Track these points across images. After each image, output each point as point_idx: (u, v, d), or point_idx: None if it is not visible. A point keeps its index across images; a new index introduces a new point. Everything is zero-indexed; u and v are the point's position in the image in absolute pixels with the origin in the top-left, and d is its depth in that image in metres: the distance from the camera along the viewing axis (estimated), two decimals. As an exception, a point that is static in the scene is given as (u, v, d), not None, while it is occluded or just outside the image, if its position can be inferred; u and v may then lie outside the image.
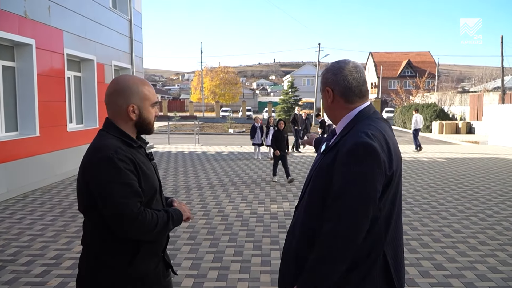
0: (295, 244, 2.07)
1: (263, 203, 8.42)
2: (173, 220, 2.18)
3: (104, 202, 2.02)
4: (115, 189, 2.00)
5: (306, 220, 2.03)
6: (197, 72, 76.09)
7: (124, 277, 2.11)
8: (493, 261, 5.36)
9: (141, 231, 2.04)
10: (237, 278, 4.80)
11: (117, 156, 2.03)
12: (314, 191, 2.02)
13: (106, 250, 2.11)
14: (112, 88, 2.21)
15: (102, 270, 2.12)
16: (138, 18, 17.01)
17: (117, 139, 2.14)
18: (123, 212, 1.99)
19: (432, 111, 34.12)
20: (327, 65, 2.25)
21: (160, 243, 2.25)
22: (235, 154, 16.99)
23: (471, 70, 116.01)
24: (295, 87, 36.82)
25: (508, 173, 12.17)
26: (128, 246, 2.10)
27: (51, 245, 5.88)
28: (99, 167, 2.03)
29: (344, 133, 2.01)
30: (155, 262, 2.22)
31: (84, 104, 12.97)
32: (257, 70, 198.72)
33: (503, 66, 32.81)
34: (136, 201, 2.02)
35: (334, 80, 2.06)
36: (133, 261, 2.11)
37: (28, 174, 9.45)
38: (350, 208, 1.82)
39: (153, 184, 2.18)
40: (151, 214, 2.06)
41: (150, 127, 2.27)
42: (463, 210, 7.90)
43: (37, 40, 9.76)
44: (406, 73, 66.14)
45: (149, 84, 2.26)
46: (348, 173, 1.84)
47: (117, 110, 2.19)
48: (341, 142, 1.96)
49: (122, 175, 2.02)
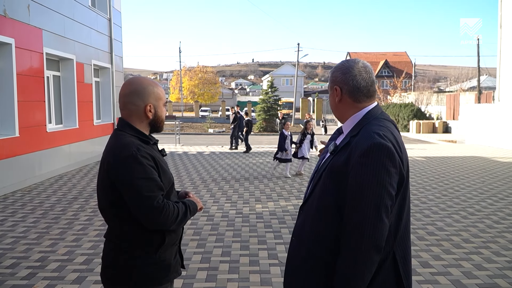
0: (304, 252, 2.02)
1: (247, 203, 8.41)
2: (190, 210, 2.37)
3: (132, 197, 2.16)
4: (141, 184, 2.14)
5: (317, 224, 2.00)
6: (175, 71, 75.61)
7: (154, 266, 2.27)
8: (478, 258, 5.45)
9: (167, 222, 2.20)
10: (226, 278, 4.79)
11: (139, 153, 2.18)
12: (325, 192, 1.99)
13: (136, 242, 2.26)
14: (128, 89, 2.34)
15: (133, 261, 2.25)
16: (117, 17, 16.80)
17: (135, 137, 2.29)
18: (151, 205, 2.14)
19: (410, 110, 34.63)
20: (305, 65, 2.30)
21: (177, 233, 2.42)
22: (217, 154, 16.95)
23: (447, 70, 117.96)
24: (275, 87, 36.82)
25: (487, 172, 12.41)
26: (156, 237, 2.26)
27: (35, 247, 5.77)
28: (124, 165, 2.17)
29: (354, 133, 2.00)
30: (174, 251, 2.42)
31: (64, 104, 12.76)
32: (235, 70, 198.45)
33: (479, 66, 33.49)
34: (160, 194, 2.19)
35: (343, 79, 2.06)
36: (159, 251, 2.28)
37: (8, 175, 9.26)
38: (373, 210, 1.82)
39: (170, 178, 2.35)
40: (173, 206, 2.24)
41: (162, 125, 2.45)
42: (445, 208, 8.03)
43: (16, 39, 9.57)
44: (384, 73, 67.01)
45: (160, 85, 2.42)
46: (366, 174, 1.84)
47: (134, 110, 2.33)
48: (353, 142, 1.95)
49: (146, 171, 2.17)
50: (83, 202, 8.41)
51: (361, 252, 1.81)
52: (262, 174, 11.80)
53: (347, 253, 1.84)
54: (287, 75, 79.81)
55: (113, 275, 2.29)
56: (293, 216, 7.35)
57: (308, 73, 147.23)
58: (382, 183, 1.83)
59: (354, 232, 1.83)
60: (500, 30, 21.65)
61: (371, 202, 1.82)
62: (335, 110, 2.17)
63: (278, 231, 6.61)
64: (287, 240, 6.09)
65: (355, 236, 1.82)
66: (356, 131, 1.99)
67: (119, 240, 2.29)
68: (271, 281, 4.71)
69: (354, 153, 1.90)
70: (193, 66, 71.50)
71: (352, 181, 1.87)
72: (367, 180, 1.83)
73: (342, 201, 1.91)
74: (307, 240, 2.03)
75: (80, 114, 13.13)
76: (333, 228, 1.93)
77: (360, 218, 1.82)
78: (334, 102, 2.14)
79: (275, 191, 9.58)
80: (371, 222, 1.81)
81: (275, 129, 33.36)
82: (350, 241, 1.83)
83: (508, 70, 21.01)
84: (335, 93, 2.11)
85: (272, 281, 4.70)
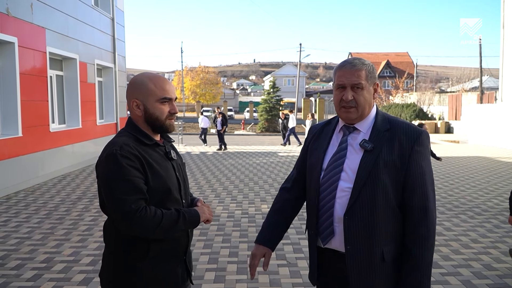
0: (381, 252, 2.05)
1: (253, 203, 8.36)
2: (184, 220, 2.10)
3: (106, 197, 2.02)
4: (115, 185, 1.98)
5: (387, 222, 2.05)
6: (177, 71, 75.67)
7: (138, 275, 2.08)
8: (487, 258, 5.40)
9: (140, 229, 1.98)
10: (235, 279, 4.74)
11: (120, 153, 2.01)
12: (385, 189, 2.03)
13: (121, 247, 2.10)
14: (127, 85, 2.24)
15: (117, 266, 2.11)
16: (120, 16, 16.76)
17: (131, 136, 2.13)
18: (120, 208, 1.96)
19: (412, 111, 34.55)
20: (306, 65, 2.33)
21: (177, 244, 2.19)
22: (220, 154, 16.90)
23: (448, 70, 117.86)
24: (277, 87, 36.81)
25: (491, 172, 12.35)
26: (139, 245, 2.07)
27: (40, 248, 5.72)
28: (103, 163, 2.05)
29: (387, 127, 2.09)
30: (173, 264, 2.18)
31: (67, 104, 12.71)
32: (237, 70, 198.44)
33: (481, 66, 33.40)
34: (136, 198, 1.98)
35: (376, 76, 2.16)
36: (145, 259, 2.08)
37: (11, 176, 9.21)
38: (433, 193, 2.06)
39: (165, 182, 2.12)
40: (155, 212, 2.01)
41: (159, 124, 2.17)
42: (452, 208, 7.97)
43: (19, 38, 9.52)
44: (385, 74, 66.85)
45: (159, 80, 2.16)
46: (424, 161, 2.05)
47: (127, 106, 2.21)
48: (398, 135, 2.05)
49: (124, 172, 1.98)
50: (87, 202, 8.36)
51: (433, 232, 2.02)
52: (267, 174, 11.73)
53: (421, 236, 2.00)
54: (289, 76, 79.67)
55: (103, 278, 2.19)
56: (299, 217, 7.27)
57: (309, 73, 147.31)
58: (431, 168, 2.10)
59: (424, 216, 2.01)
60: (503, 30, 21.57)
61: (431, 186, 2.06)
62: (370, 106, 2.15)
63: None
64: (295, 240, 6.04)
65: (426, 219, 2.01)
66: (387, 125, 2.10)
67: (106, 242, 2.18)
68: (280, 282, 4.66)
69: (405, 142, 2.03)
70: (194, 66, 71.51)
71: (414, 170, 2.02)
72: (426, 166, 2.06)
73: (398, 193, 2.04)
74: (383, 241, 2.05)
75: (83, 114, 13.08)
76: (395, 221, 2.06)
77: (427, 202, 2.02)
78: (371, 99, 2.14)
79: (280, 191, 9.53)
80: (434, 204, 2.05)
81: (277, 129, 33.29)
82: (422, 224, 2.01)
83: (511, 70, 20.93)
84: (375, 90, 2.15)
85: (281, 282, 4.65)
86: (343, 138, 2.16)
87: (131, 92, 2.17)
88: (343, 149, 2.13)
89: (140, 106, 2.14)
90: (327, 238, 2.14)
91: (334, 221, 2.10)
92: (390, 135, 2.05)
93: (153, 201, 2.07)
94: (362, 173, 2.04)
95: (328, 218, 2.11)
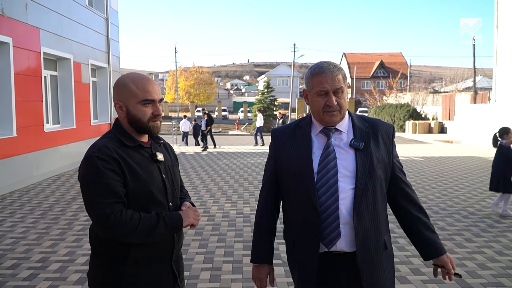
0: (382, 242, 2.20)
1: (248, 203, 8.38)
2: (165, 224, 2.04)
3: (84, 200, 2.01)
4: (90, 188, 1.97)
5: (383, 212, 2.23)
6: (171, 72, 75.57)
7: (120, 278, 2.05)
8: (481, 257, 5.44)
9: (114, 232, 1.95)
10: (230, 278, 4.76)
11: (97, 155, 1.98)
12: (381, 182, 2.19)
13: (103, 249, 2.08)
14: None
15: (98, 268, 2.10)
16: (114, 16, 16.73)
17: (114, 137, 2.10)
18: (95, 211, 1.95)
19: (405, 111, 34.70)
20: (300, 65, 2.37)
21: (160, 248, 2.12)
22: (214, 154, 16.91)
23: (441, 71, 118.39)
24: (271, 87, 36.86)
25: (485, 171, 12.41)
26: (119, 248, 2.04)
27: (35, 248, 5.72)
28: (81, 166, 2.04)
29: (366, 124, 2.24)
30: (156, 268, 2.13)
31: (61, 104, 12.68)
32: (231, 70, 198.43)
33: (475, 66, 33.56)
34: (111, 201, 1.95)
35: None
36: (125, 263, 2.05)
37: (5, 176, 9.18)
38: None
39: (145, 185, 2.06)
40: (131, 216, 1.97)
41: (142, 126, 2.11)
42: (446, 208, 8.02)
43: (14, 38, 9.50)
44: (379, 74, 67.07)
45: (141, 81, 2.10)
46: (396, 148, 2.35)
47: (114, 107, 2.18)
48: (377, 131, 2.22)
49: (100, 175, 1.95)
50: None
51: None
52: (261, 174, 11.74)
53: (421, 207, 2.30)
54: (283, 76, 79.74)
55: (89, 278, 2.17)
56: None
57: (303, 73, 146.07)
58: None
59: (414, 191, 2.34)
60: (496, 30, 21.72)
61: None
62: (346, 108, 2.21)
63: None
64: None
65: (415, 193, 2.33)
66: (364, 122, 2.25)
67: (91, 242, 2.16)
68: (275, 281, 4.67)
69: (386, 137, 2.24)
70: (188, 67, 71.47)
71: (396, 158, 2.30)
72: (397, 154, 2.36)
73: (386, 182, 2.25)
74: (384, 231, 2.22)
75: (78, 114, 13.06)
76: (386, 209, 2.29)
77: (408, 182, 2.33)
78: (346, 101, 2.21)
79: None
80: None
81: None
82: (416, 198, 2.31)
83: (504, 70, 21.08)
84: (346, 91, 2.23)
85: (277, 281, 4.67)
86: (328, 141, 2.16)
87: (115, 93, 2.15)
88: (332, 152, 2.13)
89: (122, 108, 2.11)
90: (333, 241, 2.10)
91: (340, 223, 2.09)
92: (371, 132, 2.20)
93: (134, 204, 2.03)
94: (361, 171, 2.08)
95: (334, 221, 2.08)
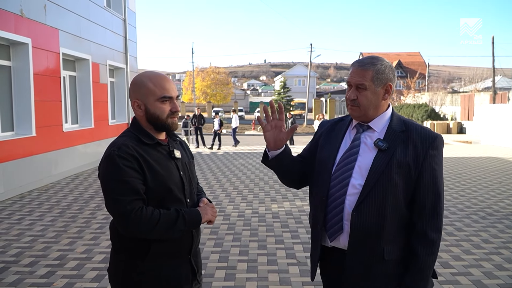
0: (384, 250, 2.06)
1: (263, 203, 8.39)
2: (184, 220, 2.08)
3: (104, 198, 2.05)
4: (111, 186, 2.01)
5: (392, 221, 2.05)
6: (188, 72, 75.73)
7: (140, 274, 2.09)
8: (498, 259, 5.38)
9: (136, 229, 1.99)
10: (245, 277, 4.77)
11: (117, 153, 2.02)
12: (396, 189, 2.03)
13: (123, 245, 2.13)
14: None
15: (119, 264, 2.15)
16: (132, 17, 16.90)
17: (133, 135, 2.15)
18: (116, 209, 2.00)
19: (424, 111, 34.32)
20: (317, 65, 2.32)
21: (179, 244, 2.17)
22: (230, 154, 16.96)
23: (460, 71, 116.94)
24: (287, 88, 36.85)
25: (504, 172, 12.26)
26: (139, 244, 2.08)
27: (53, 245, 5.81)
28: (102, 164, 2.08)
29: (402, 128, 2.11)
30: (176, 264, 2.17)
31: (79, 104, 12.85)
32: (247, 70, 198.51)
33: (494, 66, 33.10)
34: (132, 198, 1.99)
35: (392, 77, 2.14)
36: (145, 259, 2.09)
37: (25, 175, 9.33)
38: (442, 193, 2.09)
39: (164, 182, 2.10)
40: (151, 213, 2.01)
41: (161, 123, 2.15)
42: (463, 209, 7.93)
43: (33, 39, 9.65)
44: (397, 74, 66.53)
45: (158, 79, 2.14)
46: (437, 164, 2.08)
47: (132, 106, 2.21)
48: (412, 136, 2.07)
49: (121, 172, 1.99)
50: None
51: (440, 236, 2.06)
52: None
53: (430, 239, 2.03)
54: (300, 76, 79.59)
55: (109, 274, 2.22)
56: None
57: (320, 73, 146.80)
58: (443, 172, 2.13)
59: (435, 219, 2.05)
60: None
61: (442, 190, 2.08)
62: (375, 107, 2.12)
63: (295, 230, 6.57)
64: (305, 240, 6.06)
65: (437, 223, 2.05)
66: (403, 126, 2.12)
67: (111, 239, 2.20)
68: (290, 281, 4.68)
69: (420, 146, 2.05)
70: (205, 67, 71.54)
71: (428, 173, 2.04)
72: (439, 171, 2.09)
73: (408, 194, 2.05)
74: (387, 241, 2.06)
75: (96, 114, 13.22)
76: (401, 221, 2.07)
77: (438, 206, 2.05)
78: (378, 100, 2.12)
79: (291, 190, 9.53)
80: (443, 209, 2.09)
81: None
82: (432, 227, 2.03)
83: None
84: (386, 91, 2.12)
85: (291, 281, 4.67)
86: (356, 135, 2.17)
87: (132, 92, 2.17)
88: (356, 146, 2.13)
89: (141, 106, 2.14)
90: (335, 234, 2.11)
91: (343, 217, 2.09)
92: (405, 137, 2.08)
93: (153, 201, 2.07)
94: (374, 171, 2.04)
95: (338, 214, 2.10)
